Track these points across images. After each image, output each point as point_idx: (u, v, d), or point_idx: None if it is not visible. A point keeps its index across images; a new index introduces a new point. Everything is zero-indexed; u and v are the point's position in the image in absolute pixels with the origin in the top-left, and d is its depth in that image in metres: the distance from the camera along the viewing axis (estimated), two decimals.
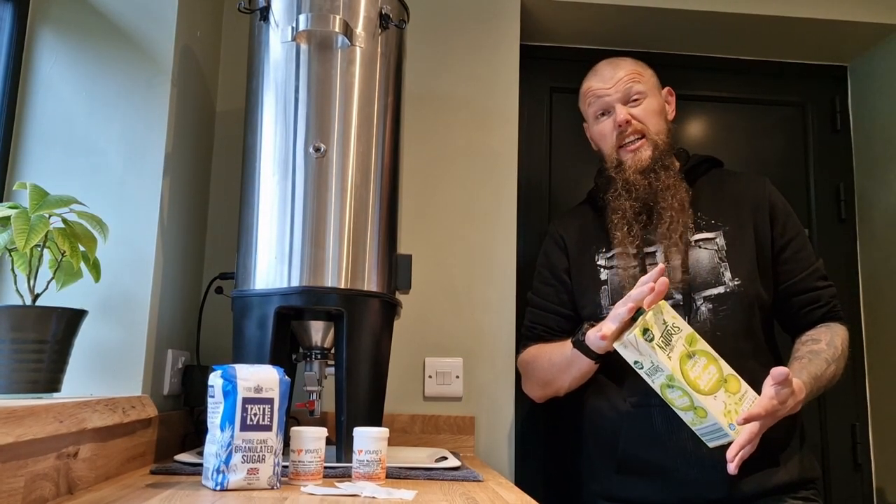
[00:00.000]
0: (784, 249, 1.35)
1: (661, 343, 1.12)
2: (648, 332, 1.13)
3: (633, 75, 1.42)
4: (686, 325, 1.17)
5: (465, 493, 0.96)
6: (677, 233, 1.31)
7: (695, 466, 1.22)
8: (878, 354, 1.92)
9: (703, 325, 1.27)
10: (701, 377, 1.13)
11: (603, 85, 1.43)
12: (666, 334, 1.14)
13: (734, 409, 1.13)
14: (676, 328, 1.15)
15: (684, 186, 1.35)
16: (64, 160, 1.26)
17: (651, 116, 1.40)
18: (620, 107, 1.40)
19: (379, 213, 1.26)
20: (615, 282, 1.34)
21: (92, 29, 1.30)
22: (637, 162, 1.36)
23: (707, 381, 1.13)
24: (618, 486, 1.31)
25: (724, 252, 1.31)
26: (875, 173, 1.97)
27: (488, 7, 1.82)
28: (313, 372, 1.28)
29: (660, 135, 1.39)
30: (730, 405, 1.13)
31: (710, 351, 1.15)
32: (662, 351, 1.12)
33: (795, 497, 1.26)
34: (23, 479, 0.78)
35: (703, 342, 1.16)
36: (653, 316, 1.14)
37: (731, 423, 1.12)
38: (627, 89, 1.40)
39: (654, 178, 1.34)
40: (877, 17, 1.89)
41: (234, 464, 0.93)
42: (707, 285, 1.29)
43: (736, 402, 1.13)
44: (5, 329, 0.98)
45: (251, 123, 1.28)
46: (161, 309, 1.31)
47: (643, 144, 1.38)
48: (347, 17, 1.25)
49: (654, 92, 1.43)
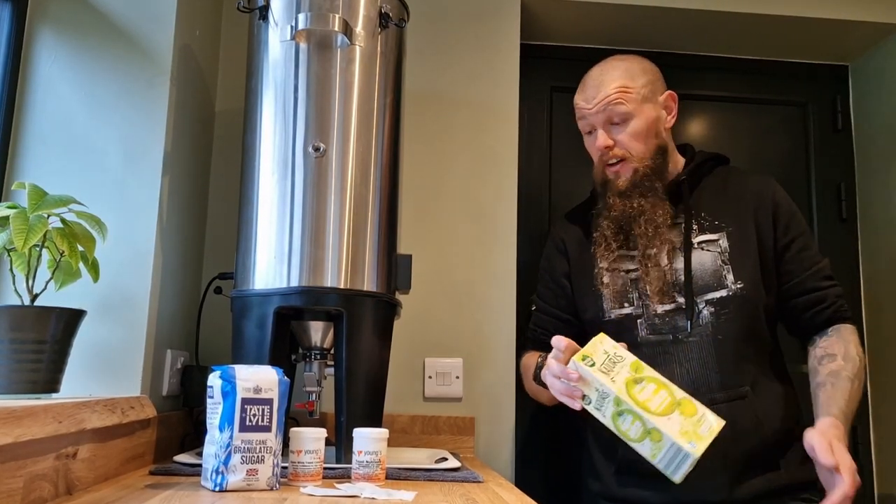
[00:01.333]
0: (787, 249, 1.33)
1: (603, 369, 1.09)
2: (588, 358, 1.10)
3: (617, 95, 1.33)
4: (630, 354, 1.12)
5: (464, 494, 0.96)
6: (652, 257, 1.30)
7: (695, 469, 1.22)
8: (878, 354, 1.92)
9: (704, 329, 1.26)
10: (651, 400, 1.06)
11: (586, 105, 1.38)
12: (608, 362, 1.10)
13: (692, 430, 1.04)
14: (619, 357, 1.11)
15: (664, 209, 1.32)
16: (63, 160, 1.25)
17: (634, 140, 1.34)
18: (601, 132, 1.36)
19: (379, 213, 1.26)
20: (617, 284, 1.33)
21: (91, 28, 1.30)
22: (616, 186, 1.35)
23: (658, 403, 1.06)
24: (618, 486, 1.31)
25: (727, 254, 1.30)
26: (876, 173, 1.97)
27: (488, 6, 1.82)
28: (313, 372, 1.27)
29: (644, 158, 1.34)
30: (686, 426, 1.05)
31: (658, 377, 1.09)
32: (605, 375, 1.08)
33: (796, 499, 1.25)
34: (22, 480, 0.78)
35: (651, 369, 1.10)
36: (591, 346, 1.12)
37: (691, 442, 1.03)
38: (608, 111, 1.34)
39: (629, 203, 1.32)
40: (878, 17, 1.89)
41: (233, 464, 0.93)
42: (709, 288, 1.28)
43: (693, 424, 1.05)
44: (4, 329, 0.97)
45: (250, 123, 1.28)
46: (160, 309, 1.30)
47: (623, 168, 1.35)
48: (347, 16, 1.25)
49: (642, 108, 1.34)
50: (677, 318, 1.28)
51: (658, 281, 1.29)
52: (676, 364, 1.25)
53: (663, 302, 1.29)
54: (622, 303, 1.32)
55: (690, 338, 1.26)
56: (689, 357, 1.25)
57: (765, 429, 1.23)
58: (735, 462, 1.21)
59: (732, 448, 1.20)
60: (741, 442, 1.21)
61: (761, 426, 1.23)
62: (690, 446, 1.02)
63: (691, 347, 1.26)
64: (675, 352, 1.26)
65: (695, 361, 1.25)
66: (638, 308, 1.30)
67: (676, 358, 1.26)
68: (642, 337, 1.29)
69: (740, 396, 1.23)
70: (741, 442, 1.21)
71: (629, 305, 1.31)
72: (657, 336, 1.28)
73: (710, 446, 1.18)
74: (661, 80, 1.41)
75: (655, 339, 1.28)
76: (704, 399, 1.21)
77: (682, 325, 1.27)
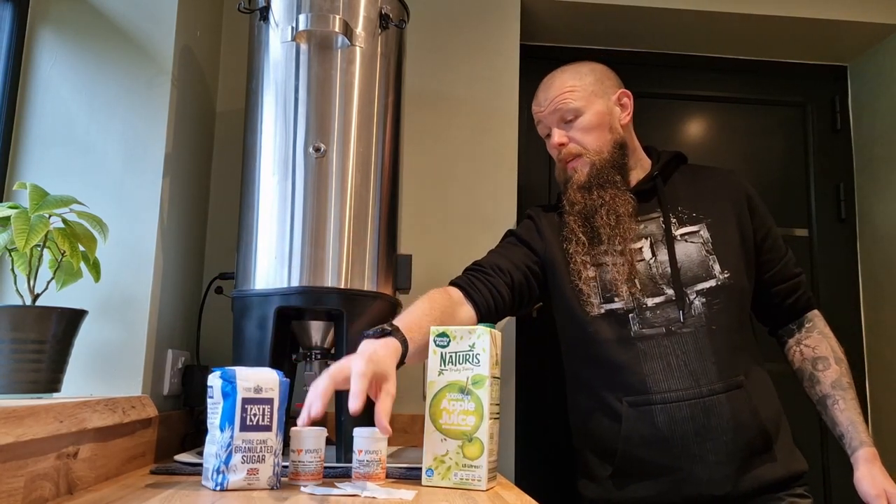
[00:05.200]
0: (765, 240, 1.38)
1: (448, 356, 1.01)
2: (445, 336, 1.03)
3: (564, 94, 1.38)
4: (496, 369, 1.02)
5: (464, 494, 0.96)
6: (618, 247, 1.30)
7: (699, 464, 1.21)
8: (877, 355, 1.92)
9: (698, 320, 1.26)
10: (451, 414, 1.00)
11: (538, 108, 1.43)
12: (463, 356, 1.01)
13: (452, 464, 0.99)
14: (480, 360, 1.00)
15: (624, 199, 1.33)
16: (64, 160, 1.26)
17: (586, 134, 1.37)
18: (555, 130, 1.40)
19: (379, 213, 1.26)
20: (604, 279, 1.31)
21: (92, 29, 1.30)
22: (576, 180, 1.37)
23: (451, 422, 1.00)
24: (616, 489, 1.28)
25: (711, 245, 1.32)
26: (875, 173, 1.97)
27: (488, 7, 1.82)
28: (313, 372, 1.27)
29: (601, 152, 1.36)
30: (450, 460, 0.99)
31: (484, 405, 0.99)
32: (438, 363, 1.01)
33: (792, 494, 1.26)
34: (23, 479, 0.78)
35: (491, 393, 1.00)
36: (469, 332, 1.01)
37: (429, 469, 1.00)
38: (559, 111, 1.38)
39: (589, 195, 1.34)
40: (877, 17, 1.89)
41: (233, 464, 0.93)
42: (698, 279, 1.29)
43: (459, 464, 0.98)
44: (5, 329, 0.98)
45: (251, 123, 1.28)
46: (161, 309, 1.31)
47: (579, 163, 1.38)
48: (347, 17, 1.25)
49: (591, 103, 1.38)
50: (669, 310, 1.27)
51: (644, 274, 1.30)
52: (673, 356, 1.25)
53: (652, 295, 1.28)
54: (610, 297, 1.29)
55: (684, 329, 1.26)
56: (685, 349, 1.25)
57: (761, 417, 1.24)
58: (737, 453, 1.21)
59: (735, 440, 1.21)
60: (742, 432, 1.22)
61: (757, 415, 1.24)
62: (427, 474, 1.00)
63: (686, 339, 1.25)
64: (671, 344, 1.25)
65: (692, 353, 1.24)
66: (629, 302, 1.28)
67: (672, 350, 1.25)
68: (636, 331, 1.27)
69: (737, 386, 1.24)
70: (742, 432, 1.22)
71: (619, 300, 1.29)
72: (651, 330, 1.27)
73: (713, 440, 1.19)
74: (613, 80, 1.45)
75: (649, 332, 1.26)
76: (705, 391, 1.22)
77: (674, 316, 1.27)
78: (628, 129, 1.43)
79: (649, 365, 1.25)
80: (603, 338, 1.28)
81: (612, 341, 1.28)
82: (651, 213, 1.36)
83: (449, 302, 1.24)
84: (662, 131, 2.01)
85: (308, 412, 0.90)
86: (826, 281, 1.99)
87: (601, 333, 1.29)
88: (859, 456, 1.27)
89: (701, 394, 1.22)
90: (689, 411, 1.21)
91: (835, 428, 1.32)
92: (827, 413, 1.33)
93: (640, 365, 1.25)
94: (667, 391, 1.23)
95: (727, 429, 1.21)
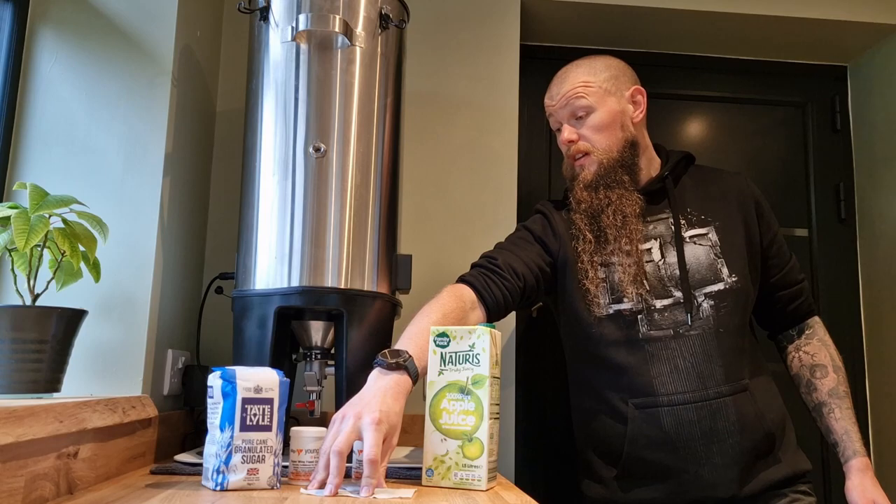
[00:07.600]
0: (771, 245, 1.38)
1: (448, 357, 1.01)
2: (445, 337, 1.02)
3: (578, 89, 1.36)
4: (496, 369, 1.02)
5: (464, 494, 0.96)
6: (625, 247, 1.29)
7: (705, 466, 1.21)
8: (878, 355, 1.92)
9: (706, 322, 1.26)
10: (451, 414, 1.00)
11: (550, 101, 1.42)
12: (463, 356, 1.01)
13: (453, 464, 0.99)
14: (480, 360, 1.00)
15: (632, 199, 1.32)
16: (64, 160, 1.26)
17: (597, 133, 1.35)
18: (565, 126, 1.39)
19: (379, 213, 1.26)
20: (613, 279, 1.31)
21: (92, 29, 1.30)
22: (583, 178, 1.36)
23: (451, 422, 1.00)
24: (622, 491, 1.28)
25: (719, 248, 1.31)
26: (875, 173, 1.97)
27: (488, 7, 1.82)
28: (313, 372, 1.28)
29: (610, 151, 1.35)
30: (450, 460, 0.99)
31: (484, 405, 0.99)
32: (438, 363, 1.01)
33: (796, 491, 1.27)
34: (23, 479, 0.78)
35: (491, 393, 1.00)
36: (469, 332, 1.01)
37: (429, 469, 1.00)
38: (571, 106, 1.37)
39: (595, 195, 1.33)
40: (877, 17, 1.89)
41: (233, 464, 0.93)
42: (707, 282, 1.29)
43: (459, 464, 0.98)
44: (5, 329, 0.98)
45: (251, 123, 1.29)
46: (161, 309, 1.31)
47: (587, 161, 1.37)
48: (347, 17, 1.25)
49: (604, 101, 1.36)
50: (677, 312, 1.27)
51: (653, 275, 1.29)
52: (680, 359, 1.24)
53: (661, 297, 1.28)
54: (619, 298, 1.28)
55: (692, 331, 1.25)
56: (692, 351, 1.24)
57: (766, 420, 1.24)
58: (743, 456, 1.22)
59: (741, 442, 1.21)
60: (748, 435, 1.22)
61: (763, 417, 1.24)
62: (427, 474, 1.00)
63: (694, 341, 1.25)
64: (678, 346, 1.25)
65: (699, 355, 1.24)
66: (638, 303, 1.27)
67: (680, 353, 1.24)
68: (644, 333, 1.26)
69: (742, 389, 1.24)
70: (748, 435, 1.22)
71: (627, 300, 1.28)
72: (659, 332, 1.26)
73: (719, 442, 1.19)
74: (629, 76, 1.42)
75: (657, 334, 1.26)
76: (711, 393, 1.22)
77: (681, 319, 1.26)
78: (640, 127, 1.41)
79: (657, 367, 1.24)
80: (609, 339, 1.28)
81: (619, 343, 1.27)
82: (660, 213, 1.35)
83: (461, 311, 1.21)
84: (662, 131, 2.01)
85: (317, 484, 0.93)
86: (826, 281, 1.99)
87: (607, 334, 1.28)
88: (852, 465, 1.29)
89: (707, 396, 1.22)
90: (695, 414, 1.22)
91: (829, 436, 1.33)
92: (822, 421, 1.34)
93: (648, 367, 1.25)
94: (674, 393, 1.23)
95: (733, 431, 1.21)
